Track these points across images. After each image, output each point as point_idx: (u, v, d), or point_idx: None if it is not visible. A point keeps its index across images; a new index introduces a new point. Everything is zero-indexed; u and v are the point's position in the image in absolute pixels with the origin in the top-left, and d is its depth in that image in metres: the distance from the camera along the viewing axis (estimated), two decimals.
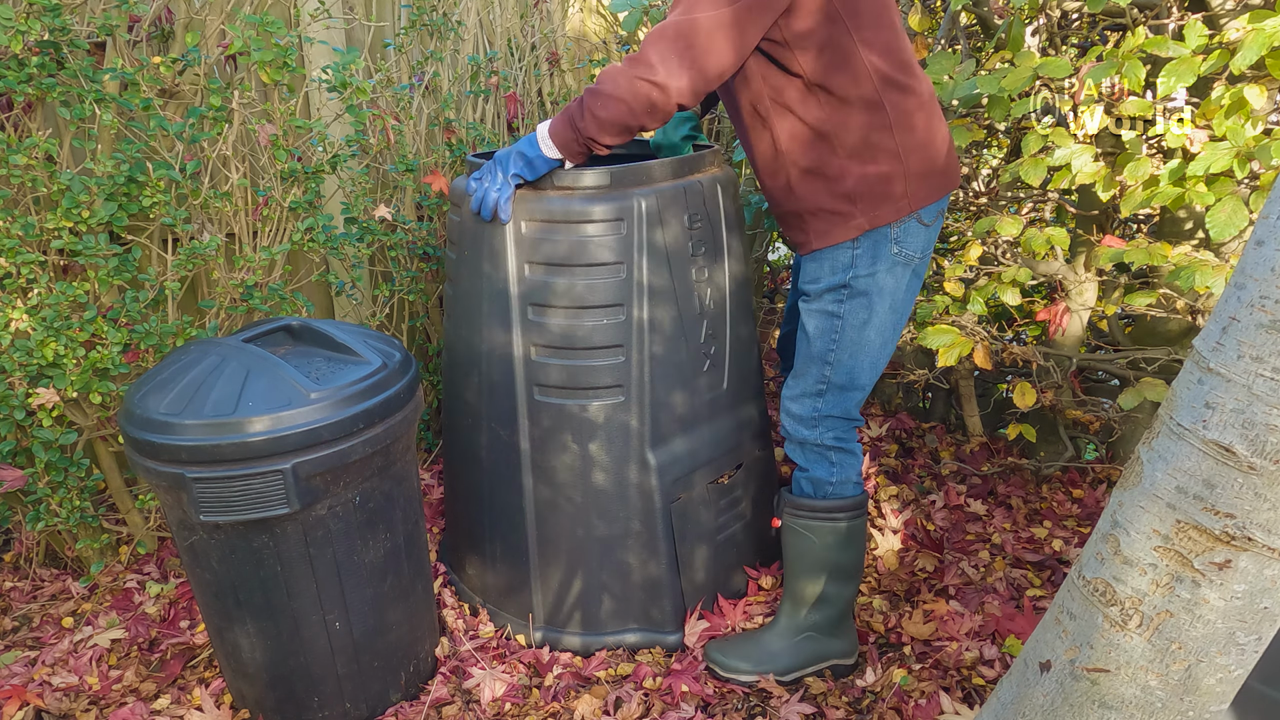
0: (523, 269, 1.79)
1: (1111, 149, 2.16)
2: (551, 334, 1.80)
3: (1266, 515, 1.01)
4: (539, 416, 1.86)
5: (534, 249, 1.77)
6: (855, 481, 1.83)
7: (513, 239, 1.77)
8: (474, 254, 1.86)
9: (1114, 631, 1.14)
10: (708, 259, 1.87)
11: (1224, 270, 1.81)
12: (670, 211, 1.78)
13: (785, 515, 1.85)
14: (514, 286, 1.80)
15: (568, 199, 1.74)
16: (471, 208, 1.78)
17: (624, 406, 1.83)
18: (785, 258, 3.59)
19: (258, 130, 2.21)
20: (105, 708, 1.83)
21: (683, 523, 1.92)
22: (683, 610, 1.98)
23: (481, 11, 2.95)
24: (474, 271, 1.86)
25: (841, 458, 1.81)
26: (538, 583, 1.97)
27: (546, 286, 1.78)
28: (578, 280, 1.76)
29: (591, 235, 1.74)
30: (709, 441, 1.96)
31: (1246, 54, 1.66)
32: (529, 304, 1.80)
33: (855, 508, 1.82)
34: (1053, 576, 2.21)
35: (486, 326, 1.86)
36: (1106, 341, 2.61)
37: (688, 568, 1.97)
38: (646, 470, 1.86)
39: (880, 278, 1.67)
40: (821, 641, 1.88)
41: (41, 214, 1.99)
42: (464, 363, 1.96)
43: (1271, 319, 0.97)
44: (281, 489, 1.47)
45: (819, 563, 1.83)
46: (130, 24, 2.16)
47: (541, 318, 1.79)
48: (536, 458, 1.88)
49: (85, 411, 2.12)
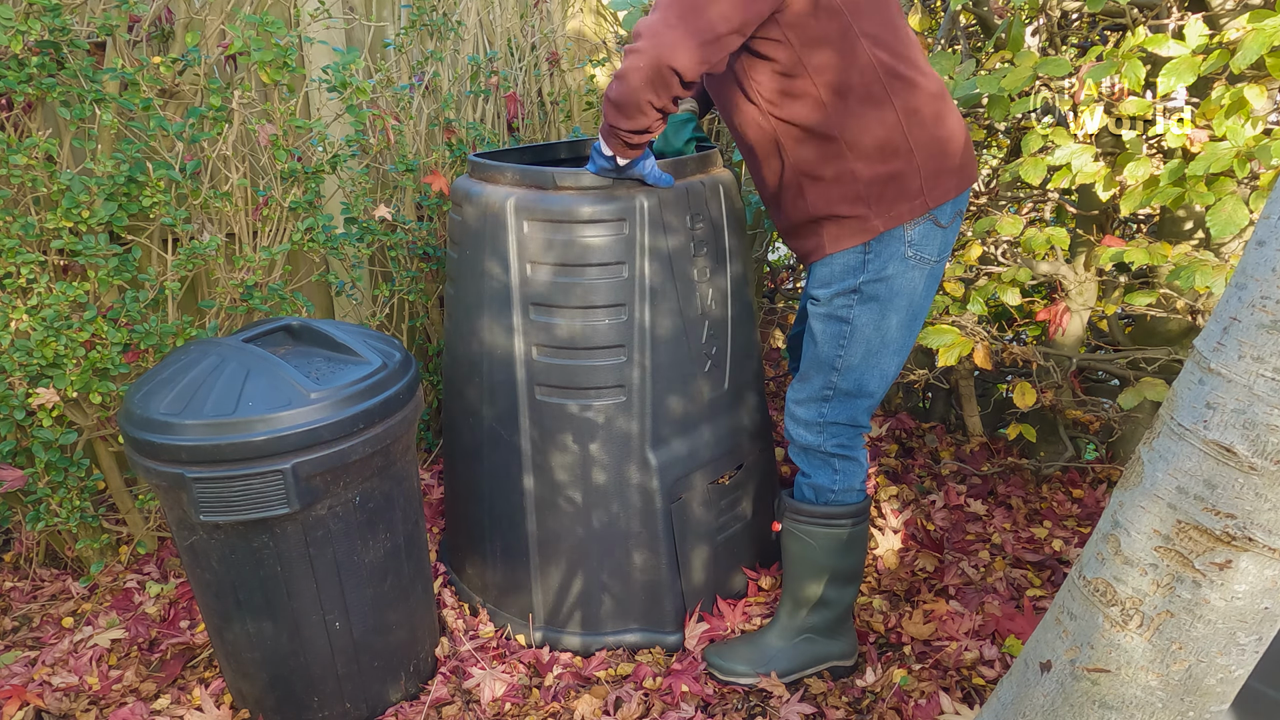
0: (525, 269, 1.79)
1: (1111, 149, 2.16)
2: (553, 334, 1.80)
3: (1267, 516, 1.01)
4: (540, 417, 1.86)
5: (536, 249, 1.77)
6: (858, 489, 1.81)
7: (514, 239, 1.77)
8: (475, 254, 1.86)
9: (1114, 631, 1.14)
10: (709, 259, 1.87)
11: (1224, 270, 1.81)
12: (672, 212, 1.78)
13: (786, 520, 1.84)
14: (516, 286, 1.80)
15: (570, 198, 1.74)
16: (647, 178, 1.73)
17: (625, 407, 1.83)
18: (785, 257, 3.59)
19: (258, 130, 2.21)
20: (105, 708, 1.83)
21: (683, 523, 1.92)
22: (683, 611, 1.98)
23: (481, 11, 2.94)
24: (475, 271, 1.86)
25: (845, 465, 1.78)
26: (538, 583, 1.97)
27: (549, 286, 1.78)
28: (579, 280, 1.76)
29: (593, 235, 1.74)
30: (709, 442, 1.96)
31: (1246, 54, 1.66)
32: (530, 304, 1.80)
33: (857, 514, 1.80)
34: (1053, 576, 2.21)
35: (488, 326, 1.86)
36: (1106, 341, 2.61)
37: (688, 568, 1.96)
38: (647, 470, 1.86)
39: (894, 282, 1.61)
40: (820, 643, 1.88)
41: (41, 214, 1.99)
42: (465, 363, 1.96)
43: (1272, 319, 0.97)
44: (281, 489, 1.47)
45: (819, 567, 1.82)
46: (130, 24, 2.16)
47: (543, 318, 1.79)
48: (537, 458, 1.88)
49: (85, 411, 2.12)
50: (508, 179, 1.82)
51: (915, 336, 1.70)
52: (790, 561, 1.86)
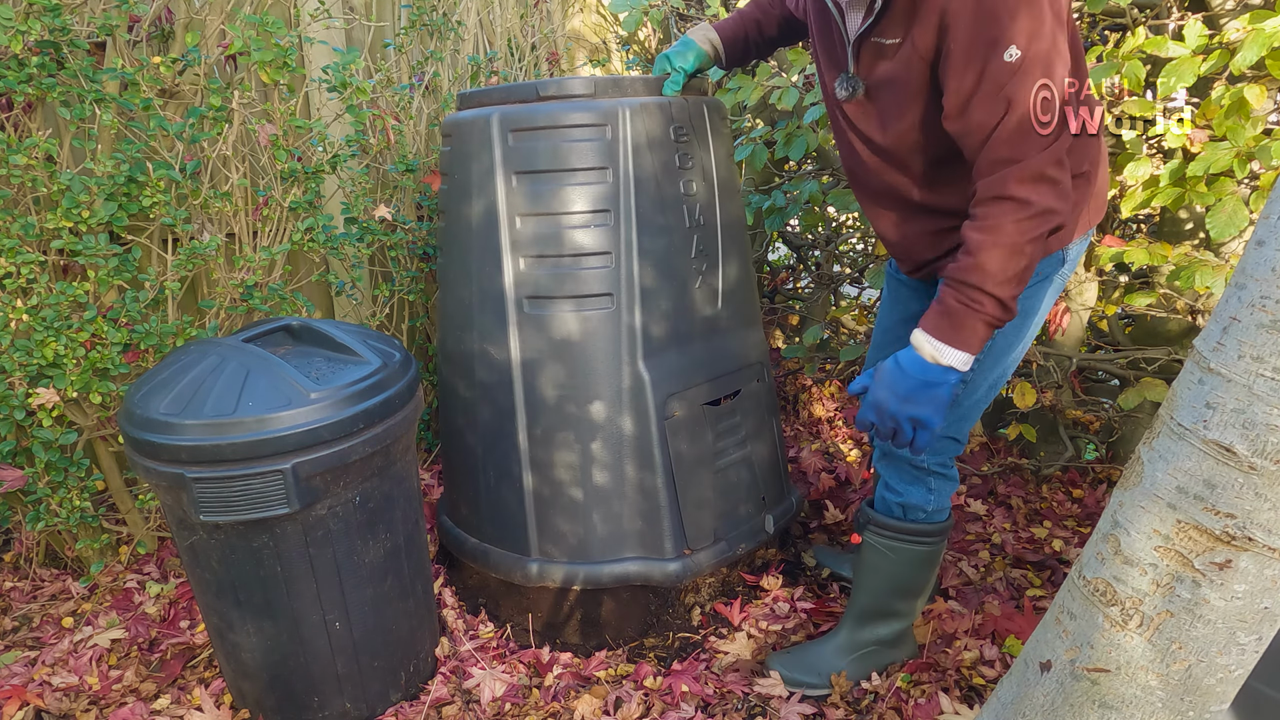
0: (510, 180, 1.80)
1: (1112, 149, 2.16)
2: (538, 242, 1.80)
3: (1267, 515, 1.01)
4: (527, 328, 1.85)
5: (521, 158, 1.78)
6: (949, 506, 1.75)
7: (500, 151, 1.79)
8: (463, 175, 1.88)
9: (1114, 631, 1.14)
10: (695, 175, 1.88)
11: (1224, 270, 1.81)
12: (655, 120, 1.79)
13: (869, 533, 1.76)
14: (502, 198, 1.81)
15: (553, 106, 1.76)
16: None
17: (613, 316, 1.82)
18: (785, 257, 3.58)
19: (258, 130, 2.21)
20: (105, 708, 1.83)
21: (678, 441, 1.89)
22: (682, 538, 1.92)
23: (481, 11, 2.95)
24: (463, 192, 1.88)
25: (940, 483, 1.70)
26: (531, 508, 1.93)
27: (533, 195, 1.79)
28: (564, 186, 1.77)
29: (576, 140, 1.75)
30: (703, 360, 1.94)
31: (1246, 54, 1.66)
32: (517, 214, 1.80)
33: (944, 532, 1.75)
34: (1053, 576, 2.21)
35: (477, 243, 1.87)
36: (1106, 341, 2.61)
37: (686, 491, 1.91)
38: (639, 382, 1.83)
39: (1042, 299, 1.52)
40: (886, 653, 1.86)
41: (41, 214, 1.99)
42: (454, 292, 1.97)
43: (1272, 319, 0.97)
44: (281, 489, 1.47)
45: (894, 580, 1.78)
46: (130, 24, 2.16)
47: (529, 227, 1.80)
48: (527, 375, 1.87)
49: (85, 411, 2.12)
50: (493, 99, 1.86)
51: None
52: (867, 573, 1.79)
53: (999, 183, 1.29)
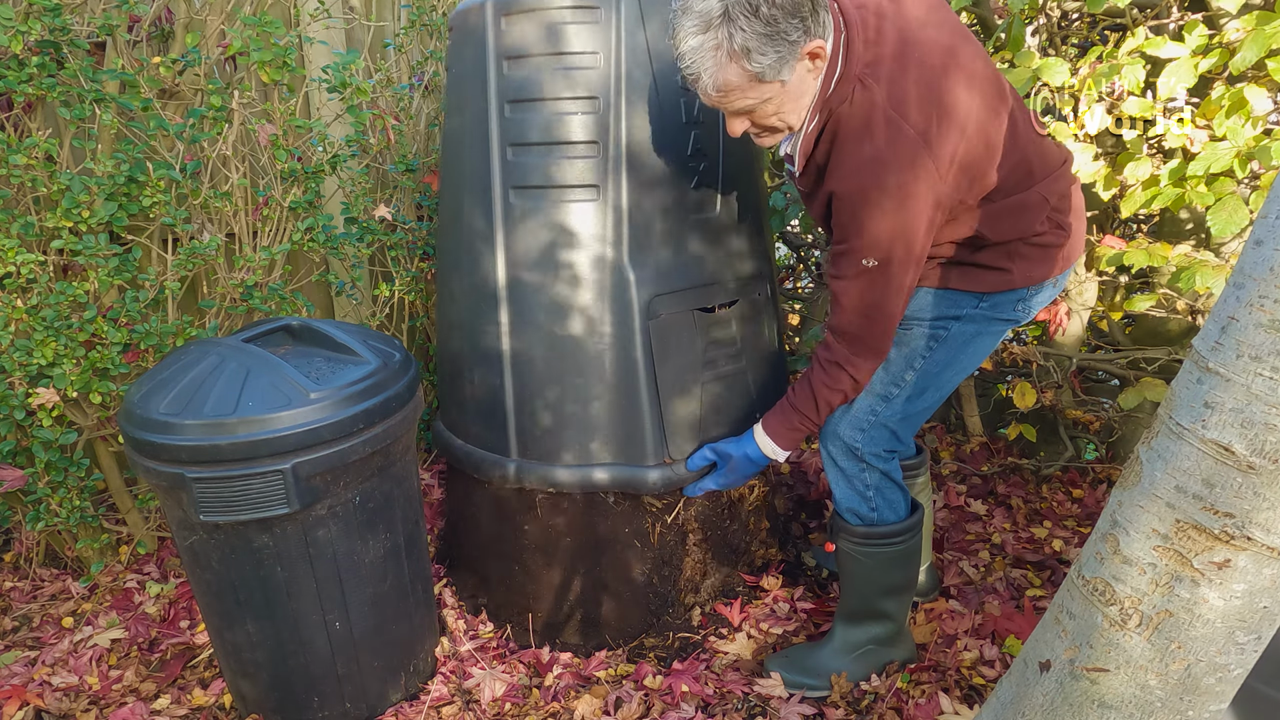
0: (501, 65, 1.77)
1: (1112, 149, 2.16)
2: (525, 129, 1.78)
3: (1266, 515, 1.01)
4: (513, 218, 1.82)
5: (511, 42, 1.75)
6: (904, 504, 1.78)
7: (492, 37, 1.77)
8: (459, 68, 1.87)
9: (1113, 631, 1.14)
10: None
11: (1224, 270, 1.81)
12: (652, 7, 1.74)
13: (840, 540, 1.82)
14: (493, 85, 1.79)
15: None
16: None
17: (599, 208, 1.77)
18: (785, 257, 3.58)
19: (258, 130, 2.21)
20: (105, 708, 1.83)
21: (664, 344, 1.82)
22: (664, 444, 1.86)
23: None
24: (458, 85, 1.88)
25: (881, 490, 1.76)
26: (511, 409, 1.89)
27: (523, 81, 1.76)
28: (553, 70, 1.73)
29: (567, 21, 1.71)
30: (695, 263, 1.87)
31: (1246, 54, 1.66)
32: (506, 101, 1.78)
33: (908, 530, 1.78)
34: (1053, 576, 2.21)
35: (469, 135, 1.86)
36: (1106, 341, 2.61)
37: (671, 398, 1.85)
38: (623, 278, 1.79)
39: (979, 339, 1.67)
40: (883, 652, 1.87)
41: (41, 214, 1.99)
42: (450, 175, 1.97)
43: (1270, 319, 0.97)
44: (281, 489, 1.47)
45: (873, 582, 1.81)
46: (130, 24, 2.17)
47: (517, 114, 1.77)
48: (510, 267, 1.84)
49: (85, 411, 2.12)
50: None
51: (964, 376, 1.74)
52: (846, 577, 1.84)
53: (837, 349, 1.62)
